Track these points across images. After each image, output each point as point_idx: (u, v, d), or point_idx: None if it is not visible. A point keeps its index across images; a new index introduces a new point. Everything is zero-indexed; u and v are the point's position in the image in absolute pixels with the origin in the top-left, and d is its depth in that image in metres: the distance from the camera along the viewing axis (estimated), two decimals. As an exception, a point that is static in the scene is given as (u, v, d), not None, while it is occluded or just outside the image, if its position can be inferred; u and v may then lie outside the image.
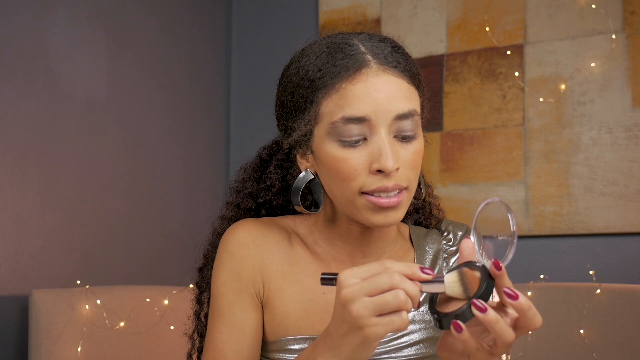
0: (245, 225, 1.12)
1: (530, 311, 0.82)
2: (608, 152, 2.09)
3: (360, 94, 0.97)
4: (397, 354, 1.06)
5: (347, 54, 1.00)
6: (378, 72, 0.99)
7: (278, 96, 1.08)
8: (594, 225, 2.08)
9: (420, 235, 1.17)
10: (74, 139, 1.98)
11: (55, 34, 1.94)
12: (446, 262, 1.15)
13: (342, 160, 0.99)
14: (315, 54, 1.02)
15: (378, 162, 0.97)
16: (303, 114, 1.02)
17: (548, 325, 1.84)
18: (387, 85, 0.99)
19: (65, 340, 1.72)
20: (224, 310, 1.08)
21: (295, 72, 1.04)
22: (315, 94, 1.00)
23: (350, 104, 0.97)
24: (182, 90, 2.41)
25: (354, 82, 0.98)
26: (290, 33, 2.57)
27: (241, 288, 1.08)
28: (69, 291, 1.78)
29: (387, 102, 0.98)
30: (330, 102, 0.99)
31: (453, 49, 2.31)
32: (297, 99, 1.02)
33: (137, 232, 2.16)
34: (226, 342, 1.06)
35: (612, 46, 2.10)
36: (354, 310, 0.83)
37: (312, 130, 1.02)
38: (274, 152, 1.20)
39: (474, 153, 2.24)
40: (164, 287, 1.96)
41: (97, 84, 2.06)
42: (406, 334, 1.07)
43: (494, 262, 0.83)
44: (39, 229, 1.86)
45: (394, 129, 0.99)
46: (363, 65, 0.99)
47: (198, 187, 2.43)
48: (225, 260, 1.10)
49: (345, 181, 0.99)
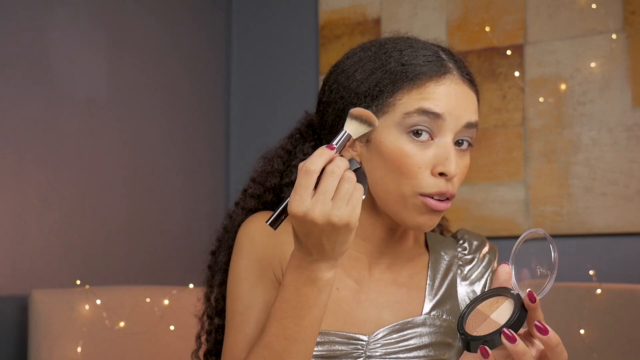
0: (263, 217, 1.13)
1: (558, 347, 0.84)
2: (608, 152, 2.08)
3: (442, 95, 1.02)
4: (405, 354, 1.07)
5: (430, 56, 1.05)
6: (459, 81, 1.05)
7: (339, 80, 1.08)
8: (594, 225, 2.08)
9: (436, 241, 1.19)
10: (74, 139, 1.98)
11: (55, 34, 1.94)
12: (460, 269, 1.16)
13: (406, 156, 1.01)
14: (396, 47, 1.06)
15: (443, 165, 1.00)
16: (373, 99, 1.03)
17: (548, 325, 1.84)
18: (466, 95, 1.05)
19: (65, 340, 1.72)
20: (247, 294, 1.09)
21: (368, 58, 1.06)
22: (396, 84, 1.02)
23: (431, 99, 1.01)
24: (182, 90, 2.41)
25: (439, 83, 1.03)
26: (290, 33, 2.57)
27: (262, 272, 1.09)
28: (69, 291, 1.78)
29: (462, 109, 1.03)
30: (409, 95, 1.02)
31: (453, 49, 2.31)
32: (370, 86, 1.04)
33: (137, 232, 2.16)
34: (249, 324, 1.07)
35: (612, 46, 2.10)
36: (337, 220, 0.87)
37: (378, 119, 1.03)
38: (298, 142, 1.20)
39: (474, 153, 2.23)
40: (164, 287, 1.96)
41: (97, 84, 2.06)
42: (416, 336, 1.08)
43: (528, 293, 0.84)
44: (39, 229, 1.85)
45: (458, 136, 1.03)
46: (448, 71, 1.05)
47: (198, 187, 2.43)
48: (246, 246, 1.11)
49: (405, 177, 1.01)
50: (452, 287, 1.14)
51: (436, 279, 1.14)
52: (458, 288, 1.14)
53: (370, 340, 1.07)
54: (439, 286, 1.13)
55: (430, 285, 1.13)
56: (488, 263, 1.18)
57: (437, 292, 1.13)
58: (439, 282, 1.14)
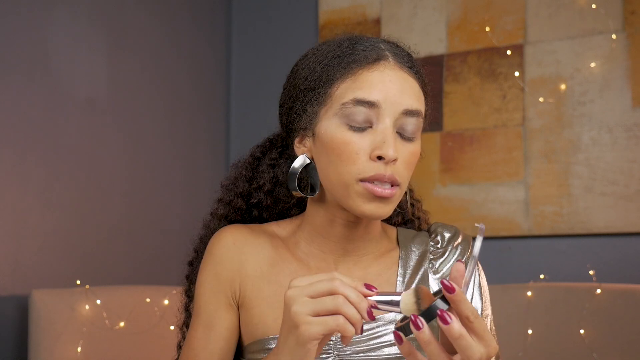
0: (230, 229, 1.15)
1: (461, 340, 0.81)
2: (608, 152, 2.09)
3: (375, 81, 1.01)
4: (375, 353, 1.06)
5: (368, 47, 1.04)
6: (395, 67, 1.03)
7: (290, 81, 1.11)
8: (594, 225, 2.08)
9: (407, 236, 1.18)
10: (74, 139, 1.98)
11: (55, 34, 1.94)
12: (432, 263, 1.14)
13: (345, 143, 1.01)
14: (337, 43, 1.07)
15: (380, 149, 0.99)
16: (313, 93, 1.05)
17: (548, 325, 1.84)
18: (402, 80, 1.03)
19: (65, 340, 1.72)
20: (201, 309, 1.11)
21: (313, 57, 1.08)
22: (331, 75, 1.03)
23: (364, 88, 1.01)
24: (182, 90, 2.41)
25: (371, 70, 1.02)
26: (290, 33, 2.57)
27: (219, 289, 1.11)
28: (69, 291, 1.78)
29: (398, 94, 1.01)
30: (344, 84, 1.02)
31: (453, 49, 2.31)
32: (311, 81, 1.05)
33: (137, 232, 2.16)
34: (199, 340, 1.09)
35: (612, 46, 2.10)
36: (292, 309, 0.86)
37: (319, 112, 1.04)
38: (267, 150, 1.22)
39: (474, 153, 2.24)
40: (164, 287, 1.96)
41: (97, 84, 2.06)
42: (386, 334, 1.07)
43: (441, 282, 0.82)
44: (39, 229, 1.86)
45: (399, 124, 1.02)
46: (382, 57, 1.03)
47: (198, 187, 2.43)
48: (207, 261, 1.14)
49: (345, 164, 1.01)
50: (424, 282, 1.12)
51: (407, 274, 1.12)
52: (430, 282, 1.13)
53: (338, 340, 1.05)
54: (410, 282, 1.11)
55: (400, 282, 1.11)
56: (461, 254, 1.15)
57: (408, 287, 1.11)
58: (410, 278, 1.12)
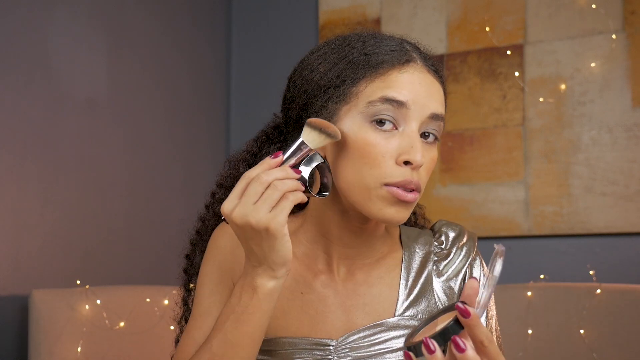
0: None
1: None
2: (608, 152, 2.09)
3: (406, 82, 0.99)
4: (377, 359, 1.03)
5: (394, 47, 1.02)
6: (423, 70, 1.01)
7: (302, 74, 1.06)
8: (594, 225, 2.08)
9: (410, 236, 1.14)
10: (74, 139, 1.98)
11: (55, 34, 1.94)
12: (435, 265, 1.11)
13: (370, 145, 0.97)
14: (359, 39, 1.03)
15: (408, 154, 0.96)
16: (336, 90, 1.01)
17: (548, 325, 1.84)
18: (430, 83, 1.01)
19: (65, 340, 1.72)
20: (204, 300, 1.10)
21: (332, 52, 1.04)
22: (358, 73, 1.00)
23: (394, 88, 0.98)
24: (182, 90, 2.41)
25: (402, 71, 1.00)
26: (290, 33, 2.57)
27: (220, 280, 1.10)
28: (69, 291, 1.78)
29: (427, 98, 0.99)
30: (372, 83, 0.99)
31: (453, 49, 2.31)
32: (333, 77, 1.01)
33: (137, 232, 2.16)
34: (199, 329, 1.08)
35: (612, 46, 2.10)
36: (254, 222, 0.89)
37: (340, 110, 1.00)
38: (264, 144, 1.18)
39: (474, 153, 2.24)
40: (164, 287, 1.96)
41: (97, 84, 2.06)
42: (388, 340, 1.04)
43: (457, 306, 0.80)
44: (39, 229, 1.86)
45: (423, 128, 1.00)
46: (411, 59, 1.01)
47: (198, 187, 2.43)
48: (211, 252, 1.13)
49: (369, 167, 0.97)
50: (428, 284, 1.08)
51: (410, 277, 1.09)
52: (434, 285, 1.09)
53: (338, 346, 1.03)
54: (414, 284, 1.08)
55: (404, 284, 1.08)
56: (466, 255, 1.12)
57: (411, 291, 1.08)
58: (413, 280, 1.09)
